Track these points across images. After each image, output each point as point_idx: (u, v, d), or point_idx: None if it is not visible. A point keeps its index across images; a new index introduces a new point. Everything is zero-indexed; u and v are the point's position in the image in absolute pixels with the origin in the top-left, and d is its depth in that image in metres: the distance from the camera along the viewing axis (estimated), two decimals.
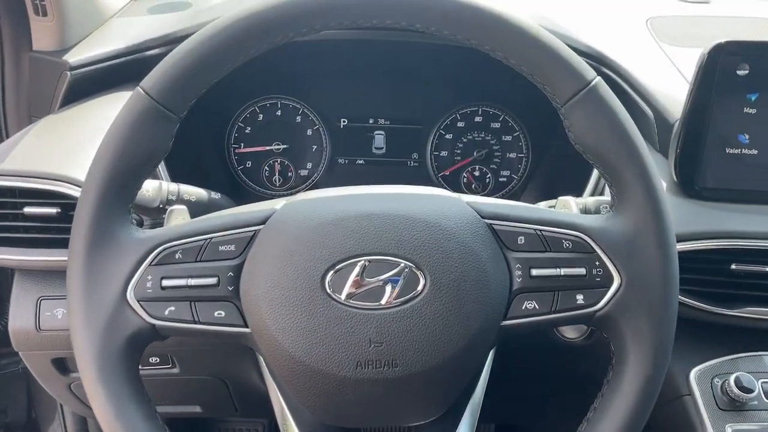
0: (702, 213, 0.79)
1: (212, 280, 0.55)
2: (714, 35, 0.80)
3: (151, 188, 0.72)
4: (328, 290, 0.54)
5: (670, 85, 0.92)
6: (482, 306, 0.56)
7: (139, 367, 0.56)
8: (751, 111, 0.80)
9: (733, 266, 0.76)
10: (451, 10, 0.54)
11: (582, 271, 0.57)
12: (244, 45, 0.54)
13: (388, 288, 0.55)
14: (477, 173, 1.11)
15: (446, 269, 0.55)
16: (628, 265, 0.57)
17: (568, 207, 0.72)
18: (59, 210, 0.76)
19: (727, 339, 0.79)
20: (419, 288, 0.55)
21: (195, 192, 0.78)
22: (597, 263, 0.57)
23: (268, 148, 1.09)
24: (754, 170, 0.82)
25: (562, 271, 0.57)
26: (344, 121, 1.10)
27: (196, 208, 0.75)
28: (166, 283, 0.55)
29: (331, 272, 0.54)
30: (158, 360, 0.93)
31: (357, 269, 0.54)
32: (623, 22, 1.11)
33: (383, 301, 0.54)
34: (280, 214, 0.57)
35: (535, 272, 0.57)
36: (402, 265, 0.54)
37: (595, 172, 0.89)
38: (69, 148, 0.83)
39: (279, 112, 1.10)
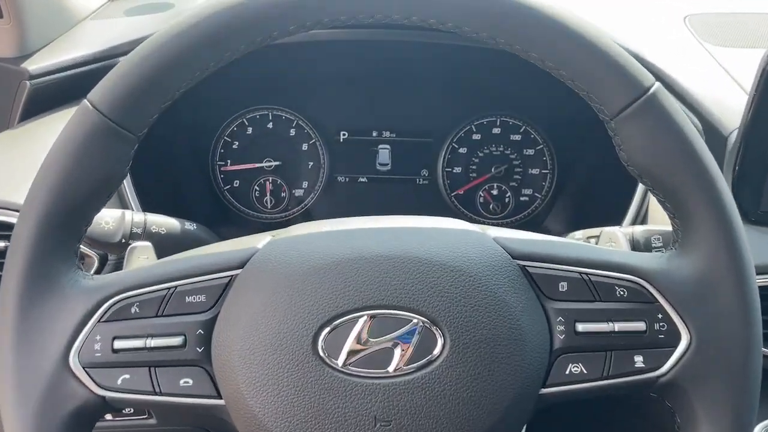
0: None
1: (177, 340, 0.48)
2: (764, 33, 0.70)
3: (111, 219, 0.65)
4: (322, 354, 0.47)
5: (721, 91, 0.83)
6: (516, 371, 0.48)
7: (111, 418, 0.47)
8: None
9: None
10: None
11: (641, 326, 0.49)
12: (217, 46, 0.47)
13: (398, 351, 0.47)
14: (495, 192, 1.05)
15: (470, 325, 0.47)
16: (698, 318, 0.49)
17: (615, 241, 0.62)
18: (8, 243, 0.67)
19: None
20: (436, 350, 0.47)
21: (165, 223, 0.69)
22: (660, 316, 0.49)
23: (258, 165, 1.04)
24: None
25: (616, 326, 0.49)
26: (344, 134, 1.05)
27: (167, 243, 0.66)
28: (119, 344, 0.48)
29: (326, 331, 0.47)
30: (132, 410, 0.83)
31: (358, 327, 0.47)
32: (659, 21, 1.04)
33: (391, 368, 0.47)
34: (262, 255, 0.50)
35: (581, 327, 0.49)
36: (414, 321, 0.47)
37: (638, 194, 0.80)
38: (25, 170, 0.74)
39: (270, 125, 1.04)
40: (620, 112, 0.49)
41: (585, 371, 0.49)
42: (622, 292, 0.50)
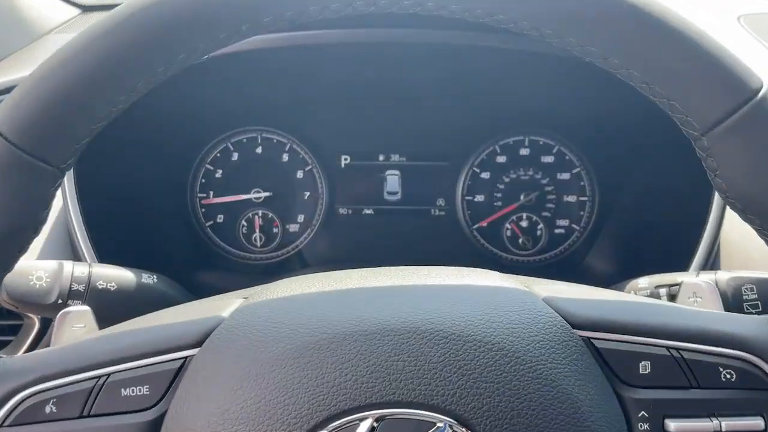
0: None
1: None
2: None
3: (45, 273, 0.58)
4: None
5: None
6: None
7: None
8: None
9: None
10: None
11: (758, 423, 0.39)
12: (163, 45, 0.39)
13: None
14: (524, 224, 0.98)
15: (517, 429, 0.37)
16: None
17: (702, 296, 0.50)
18: None
19: None
20: None
21: (116, 276, 0.58)
22: None
23: (245, 197, 0.98)
24: None
25: (723, 425, 0.39)
26: (346, 159, 0.98)
27: (118, 302, 0.55)
28: None
29: None
30: None
31: None
32: (713, 22, 0.95)
33: None
34: (227, 329, 0.42)
35: (674, 427, 0.39)
36: (440, 425, 0.37)
37: (710, 230, 0.69)
38: None
39: (259, 150, 0.98)
40: (717, 124, 0.40)
41: None
42: (728, 375, 0.40)
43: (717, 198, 0.68)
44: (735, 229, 0.70)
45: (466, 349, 0.38)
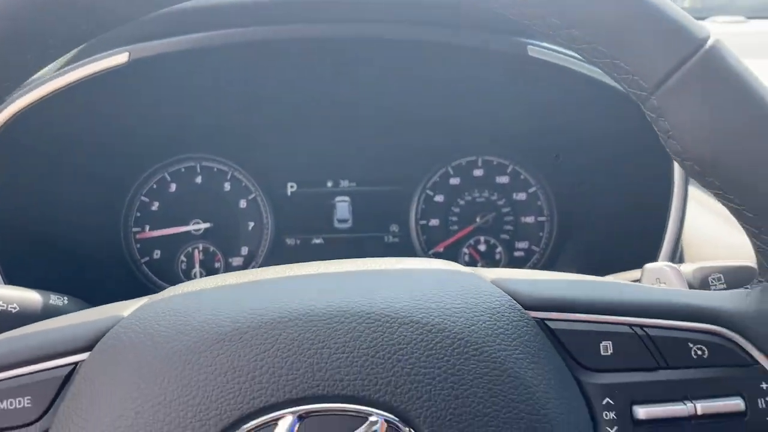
0: None
1: None
2: None
3: None
4: None
5: None
6: None
7: None
8: None
9: None
10: None
11: (737, 404, 0.35)
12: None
13: None
14: (482, 247, 0.95)
15: (464, 422, 0.32)
16: None
17: (666, 281, 0.46)
18: None
19: None
20: None
21: (18, 297, 0.52)
22: (765, 386, 0.36)
23: (184, 229, 0.93)
24: None
25: (698, 407, 0.35)
26: (292, 186, 0.95)
27: (21, 324, 0.49)
28: None
29: None
30: None
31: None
32: None
33: None
34: (124, 326, 0.37)
35: (642, 413, 0.35)
36: (372, 419, 0.32)
37: (672, 225, 0.66)
38: None
39: (199, 179, 0.94)
40: (665, 79, 0.37)
41: None
42: (700, 352, 0.36)
43: (677, 193, 0.66)
44: (698, 228, 0.68)
45: (401, 332, 0.33)
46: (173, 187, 0.94)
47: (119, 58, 0.64)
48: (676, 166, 0.68)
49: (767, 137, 0.36)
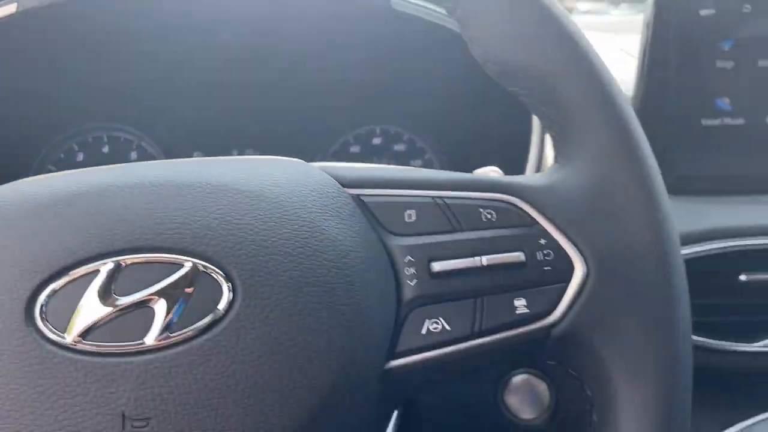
0: (679, 210, 0.62)
1: None
2: None
3: None
4: (42, 325, 0.34)
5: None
6: (346, 336, 0.36)
7: None
8: (727, 65, 0.64)
9: (742, 277, 0.64)
10: None
11: (518, 256, 0.40)
12: None
13: (160, 310, 0.34)
14: None
15: (272, 267, 0.35)
16: (596, 238, 0.40)
17: None
18: None
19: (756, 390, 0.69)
20: (222, 306, 0.35)
21: None
22: (542, 242, 0.40)
23: None
24: (741, 147, 0.68)
25: (485, 260, 0.39)
26: (198, 155, 0.95)
27: None
28: None
29: (47, 291, 0.34)
30: None
31: (97, 282, 0.34)
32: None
33: (150, 338, 0.34)
34: None
35: (438, 267, 0.39)
36: (186, 264, 0.35)
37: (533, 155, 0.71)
38: None
39: (106, 149, 0.93)
40: None
41: (448, 327, 0.38)
42: (489, 215, 0.40)
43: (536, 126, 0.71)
44: None
45: (220, 196, 0.36)
46: (81, 156, 0.91)
47: (7, 9, 0.63)
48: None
49: (557, 37, 0.41)
